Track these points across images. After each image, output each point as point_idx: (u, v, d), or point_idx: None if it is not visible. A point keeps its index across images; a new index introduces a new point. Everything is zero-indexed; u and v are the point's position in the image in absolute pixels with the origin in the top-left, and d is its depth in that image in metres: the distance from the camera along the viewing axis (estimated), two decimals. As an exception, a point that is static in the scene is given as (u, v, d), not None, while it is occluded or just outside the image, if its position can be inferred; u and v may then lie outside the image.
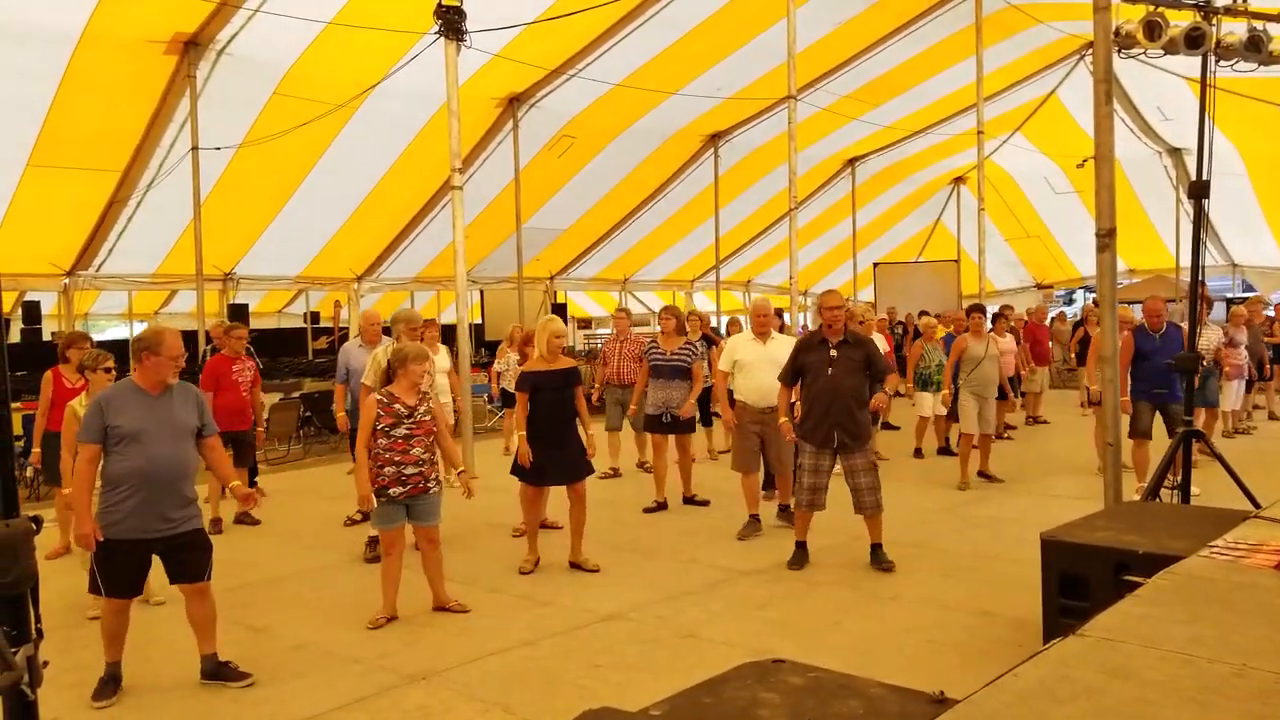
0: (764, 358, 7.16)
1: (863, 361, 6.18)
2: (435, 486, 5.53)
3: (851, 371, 6.14)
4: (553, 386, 6.33)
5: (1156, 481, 5.97)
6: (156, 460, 4.42)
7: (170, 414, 4.52)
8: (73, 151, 12.36)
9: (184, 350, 4.64)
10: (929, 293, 20.35)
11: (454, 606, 5.59)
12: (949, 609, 5.42)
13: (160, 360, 4.49)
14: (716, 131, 18.49)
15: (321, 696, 4.46)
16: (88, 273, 14.75)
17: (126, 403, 4.48)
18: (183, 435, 4.56)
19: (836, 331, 6.23)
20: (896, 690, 2.64)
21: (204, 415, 4.70)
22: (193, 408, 4.65)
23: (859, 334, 6.34)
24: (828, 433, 6.17)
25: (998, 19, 15.26)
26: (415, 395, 5.48)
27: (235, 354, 8.19)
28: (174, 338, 4.56)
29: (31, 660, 2.07)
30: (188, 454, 4.59)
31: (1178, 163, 19.91)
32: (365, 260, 17.90)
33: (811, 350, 6.30)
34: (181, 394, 4.64)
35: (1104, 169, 5.79)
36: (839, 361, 6.15)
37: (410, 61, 12.15)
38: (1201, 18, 5.75)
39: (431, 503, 5.52)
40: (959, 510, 8.01)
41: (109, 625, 4.60)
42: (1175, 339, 7.91)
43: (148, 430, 4.42)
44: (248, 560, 7.00)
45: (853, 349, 6.20)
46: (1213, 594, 2.98)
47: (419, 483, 5.42)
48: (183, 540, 4.55)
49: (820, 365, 6.19)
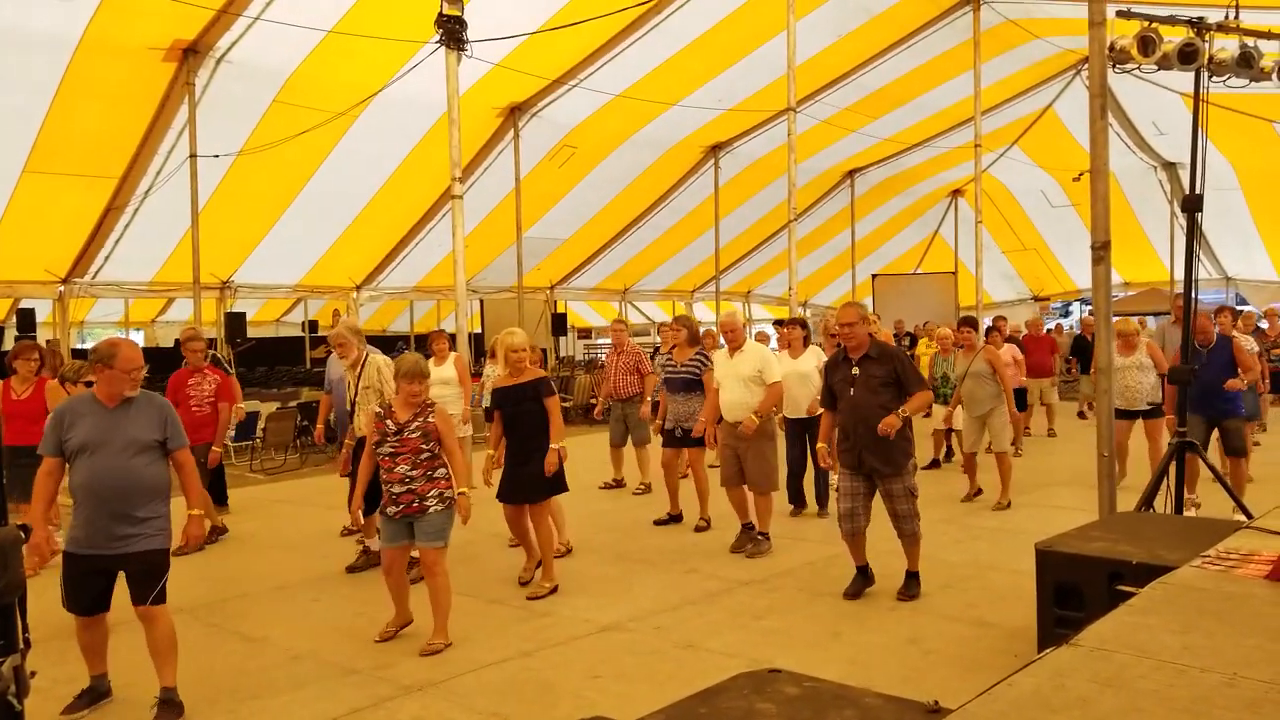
0: (730, 373, 7.09)
1: (888, 377, 5.68)
2: (437, 505, 5.18)
3: (875, 390, 5.66)
4: (512, 401, 6.15)
5: (1150, 492, 5.99)
6: (101, 475, 4.26)
7: (123, 428, 4.32)
8: (70, 158, 12.37)
9: (142, 364, 4.45)
10: (927, 304, 20.44)
11: (430, 648, 5.13)
12: (948, 619, 5.43)
13: (114, 374, 4.31)
14: (717, 143, 18.57)
15: (319, 708, 4.46)
16: (84, 280, 14.74)
17: (82, 415, 4.34)
18: (136, 450, 4.32)
19: (856, 348, 5.80)
20: (892, 700, 2.66)
21: (168, 428, 4.46)
22: (154, 421, 4.43)
23: (886, 347, 5.88)
24: (857, 456, 5.74)
25: (995, 33, 15.38)
26: (409, 411, 5.25)
27: (194, 366, 7.94)
28: (129, 350, 4.39)
29: (19, 670, 2.07)
30: (140, 469, 4.33)
31: (1172, 177, 20.02)
32: (364, 269, 17.93)
33: (836, 369, 5.94)
34: (143, 407, 4.43)
35: (1099, 182, 5.84)
36: (860, 380, 5.72)
37: (411, 70, 12.20)
38: (1194, 34, 5.81)
39: (429, 523, 5.17)
40: (959, 521, 8.02)
41: (80, 639, 4.50)
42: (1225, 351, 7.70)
43: (97, 443, 4.28)
44: (246, 571, 7.00)
45: (876, 364, 5.72)
46: (1205, 604, 3.01)
47: (410, 501, 5.15)
48: (132, 560, 4.33)
49: (844, 385, 5.81)
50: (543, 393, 6.15)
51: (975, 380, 8.55)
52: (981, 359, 8.56)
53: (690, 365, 7.93)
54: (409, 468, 5.18)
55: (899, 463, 5.68)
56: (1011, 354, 11.32)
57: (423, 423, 5.22)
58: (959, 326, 9.01)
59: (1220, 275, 21.59)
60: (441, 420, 5.28)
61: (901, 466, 5.70)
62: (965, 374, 8.63)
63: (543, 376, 6.31)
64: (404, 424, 5.21)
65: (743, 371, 7.01)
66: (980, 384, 8.53)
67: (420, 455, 5.19)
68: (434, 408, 5.32)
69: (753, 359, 7.08)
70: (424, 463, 5.20)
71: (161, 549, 4.41)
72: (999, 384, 8.55)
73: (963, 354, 8.84)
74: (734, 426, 7.06)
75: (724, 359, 7.26)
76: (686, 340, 8.07)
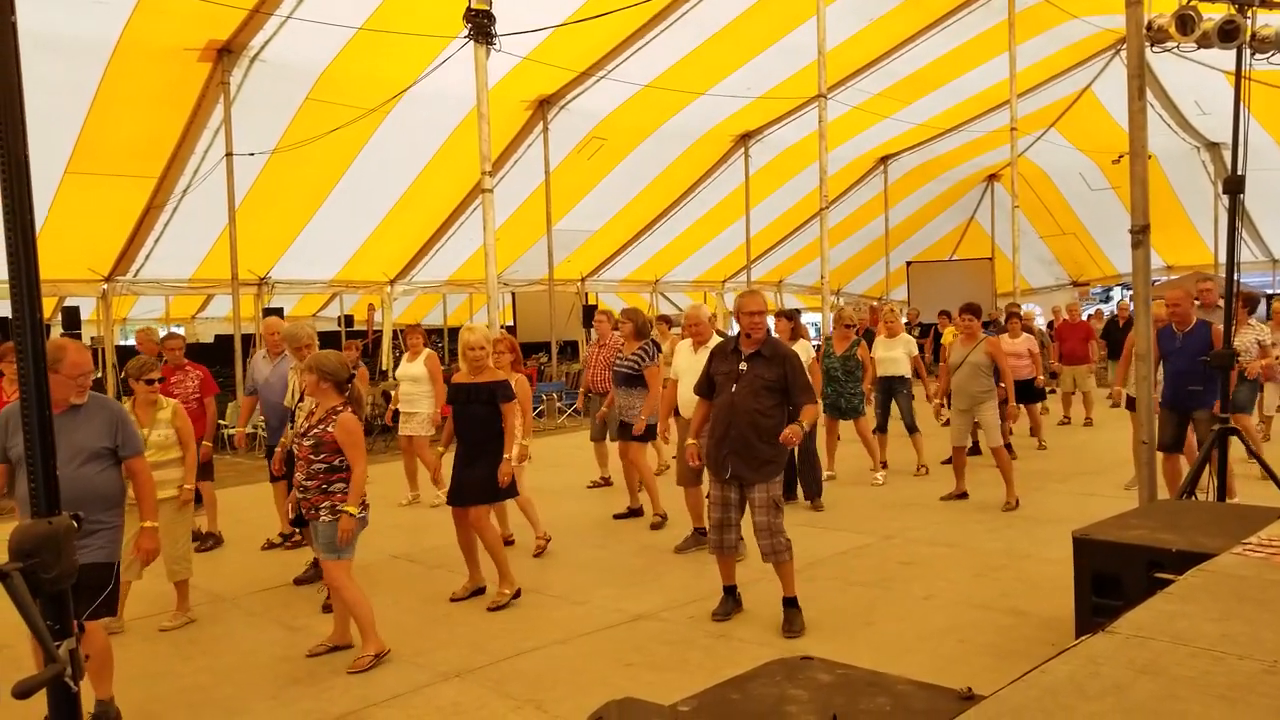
0: (693, 367, 6.31)
1: (776, 381, 5.16)
2: (327, 516, 4.83)
3: (757, 392, 5.14)
4: (463, 400, 5.88)
5: (1192, 480, 5.89)
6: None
7: (69, 435, 4.01)
8: (109, 159, 12.59)
9: (90, 368, 4.16)
10: (963, 292, 20.09)
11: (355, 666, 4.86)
12: (982, 608, 5.39)
13: (59, 379, 3.92)
14: (746, 131, 18.47)
15: (358, 694, 4.54)
16: (125, 278, 15.04)
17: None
18: (83, 458, 4.08)
19: (753, 341, 5.25)
20: (924, 686, 2.65)
21: (121, 435, 4.21)
22: (104, 428, 4.17)
23: (781, 348, 5.35)
24: (722, 460, 5.23)
25: (1030, 14, 15.10)
26: (320, 413, 4.93)
27: (176, 364, 7.94)
28: (77, 354, 4.06)
29: (74, 654, 2.13)
30: (88, 479, 4.08)
31: (1215, 157, 19.57)
32: (398, 263, 18.08)
33: (723, 359, 5.35)
34: (93, 413, 4.16)
35: (1137, 164, 5.73)
36: (745, 377, 5.17)
37: (440, 65, 12.27)
38: (1236, 10, 5.67)
39: (319, 531, 4.88)
40: (992, 510, 7.94)
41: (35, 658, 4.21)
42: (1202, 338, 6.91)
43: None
44: (286, 561, 7.11)
45: (766, 365, 5.18)
46: (1244, 591, 2.96)
47: (308, 509, 4.89)
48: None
49: (726, 379, 5.25)
50: (499, 396, 5.80)
51: (971, 371, 8.10)
52: (982, 349, 8.14)
53: (633, 358, 7.80)
54: (303, 476, 4.89)
55: (768, 470, 5.18)
56: (1028, 345, 10.79)
57: (319, 431, 4.85)
58: (961, 313, 8.46)
59: (1266, 257, 21.10)
60: (343, 431, 4.81)
61: (768, 475, 5.18)
62: (961, 363, 8.18)
63: (502, 380, 5.99)
64: (305, 430, 4.94)
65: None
66: (975, 376, 8.09)
67: (312, 465, 4.85)
68: (338, 416, 4.85)
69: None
70: (318, 475, 4.84)
71: (104, 563, 4.10)
72: (994, 378, 8.14)
73: (961, 342, 8.34)
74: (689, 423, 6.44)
75: (687, 353, 6.86)
76: (632, 333, 7.89)
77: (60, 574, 2.14)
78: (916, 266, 22.65)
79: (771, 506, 5.18)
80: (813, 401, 5.33)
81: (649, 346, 7.89)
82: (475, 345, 5.89)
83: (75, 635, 2.19)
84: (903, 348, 9.87)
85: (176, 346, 8.07)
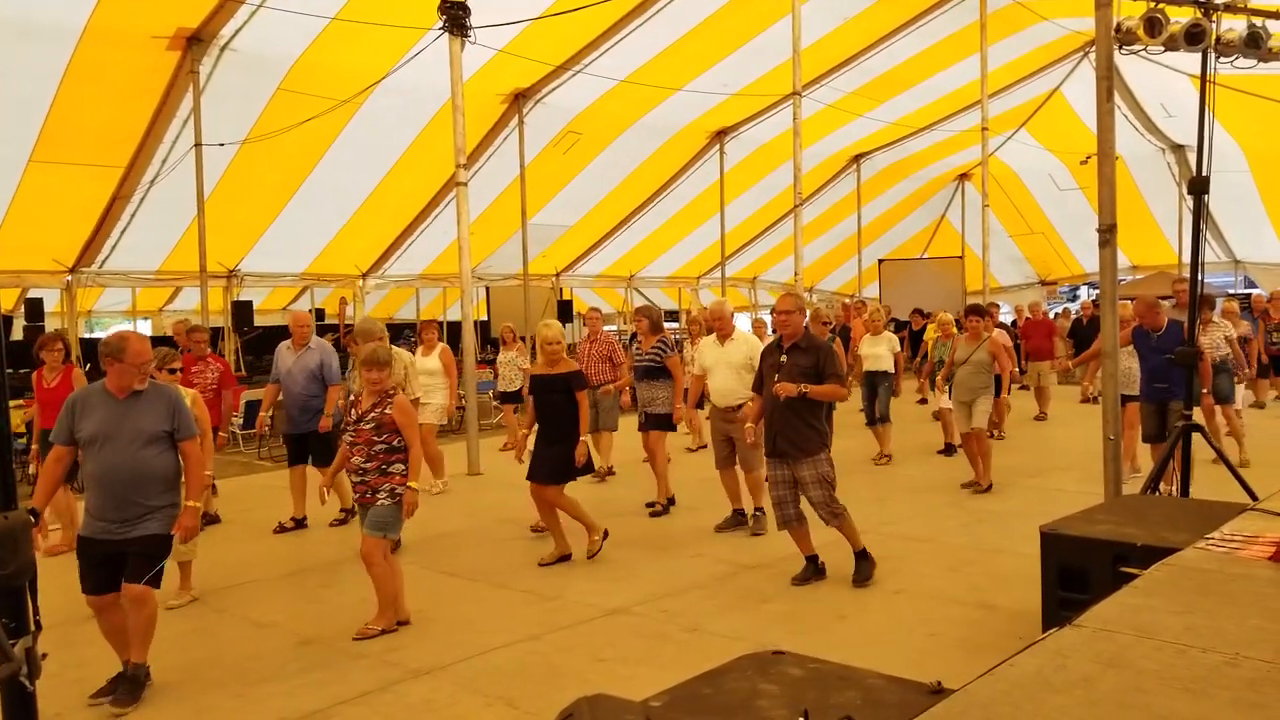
0: (721, 360, 7.29)
1: (811, 367, 5.83)
2: (386, 499, 5.13)
3: (794, 378, 5.79)
4: (544, 390, 6.51)
5: (1156, 475, 5.99)
6: (112, 465, 4.36)
7: (132, 419, 4.41)
8: (75, 147, 12.39)
9: (150, 356, 4.56)
10: (933, 289, 20.36)
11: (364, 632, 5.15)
12: (952, 603, 5.45)
13: (124, 367, 4.39)
14: (722, 128, 18.50)
15: (327, 692, 4.50)
16: (91, 269, 14.81)
17: (92, 407, 4.44)
18: (144, 441, 4.42)
19: (789, 336, 5.96)
20: (895, 681, 2.67)
21: (177, 418, 4.54)
22: (163, 412, 4.51)
23: (816, 340, 6.06)
24: (773, 441, 5.91)
25: (1002, 15, 15.26)
26: (371, 399, 5.21)
27: (198, 355, 8.23)
28: (139, 343, 4.47)
29: (30, 652, 2.10)
30: (148, 460, 4.43)
31: (1180, 159, 19.88)
32: (370, 257, 17.95)
33: (769, 355, 6.12)
34: (152, 399, 4.51)
35: (1105, 165, 5.81)
36: (785, 368, 5.87)
37: (415, 57, 12.19)
38: (1201, 14, 5.76)
39: (374, 514, 5.15)
40: (964, 504, 8.03)
41: (100, 626, 4.59)
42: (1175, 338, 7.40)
43: (106, 435, 4.37)
44: (254, 557, 7.05)
45: (803, 354, 5.88)
46: (1208, 585, 3.01)
47: (364, 492, 5.18)
48: (134, 545, 4.42)
49: (770, 371, 5.98)
50: (574, 385, 6.48)
51: (974, 368, 8.50)
52: (985, 349, 8.54)
53: (653, 352, 8.29)
54: (362, 459, 5.16)
55: (806, 448, 5.76)
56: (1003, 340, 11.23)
57: (378, 414, 5.14)
58: (966, 315, 8.88)
59: (1229, 258, 21.46)
60: (400, 412, 5.16)
61: (808, 451, 5.77)
62: (966, 360, 8.58)
63: (576, 370, 6.61)
64: (362, 414, 5.18)
65: (734, 359, 7.19)
66: (977, 373, 8.49)
67: (373, 448, 5.14)
68: (393, 399, 5.21)
69: (743, 347, 7.24)
70: (378, 455, 5.14)
71: (165, 534, 4.51)
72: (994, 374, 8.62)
73: (965, 340, 8.78)
74: (725, 411, 7.25)
75: (714, 346, 7.42)
76: (649, 328, 8.49)
77: (16, 570, 2.10)
78: (888, 264, 22.81)
79: (820, 482, 5.80)
80: (840, 384, 5.98)
81: (668, 339, 8.47)
82: (553, 340, 6.50)
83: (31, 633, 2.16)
84: (886, 345, 10.44)
85: (201, 339, 8.40)
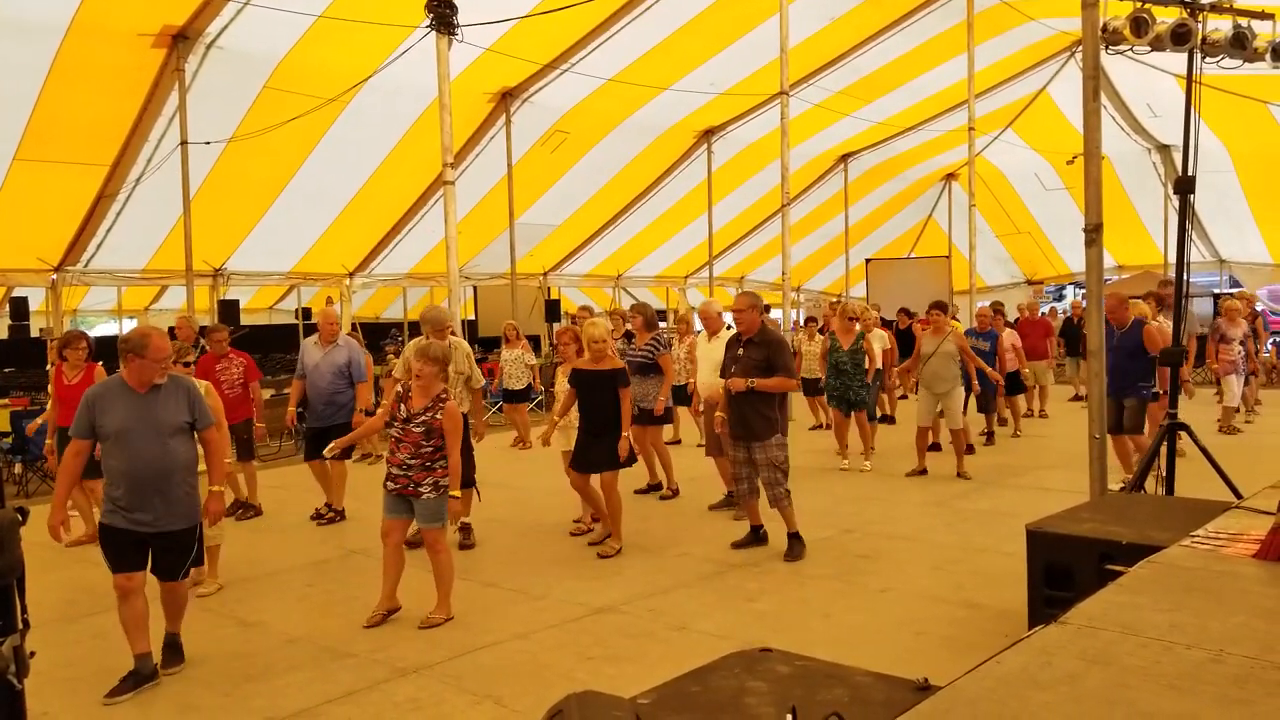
0: (706, 355, 7.86)
1: (763, 360, 6.35)
2: (431, 493, 5.30)
3: (747, 370, 6.35)
4: (588, 386, 6.76)
5: (1141, 473, 6.02)
6: (137, 459, 4.48)
7: (154, 412, 4.54)
8: (60, 145, 12.29)
9: (170, 351, 4.68)
10: (920, 288, 20.42)
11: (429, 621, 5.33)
12: (938, 601, 5.46)
13: (145, 363, 4.50)
14: (710, 127, 18.51)
15: (314, 690, 4.48)
16: (76, 268, 14.68)
17: (113, 402, 4.53)
18: (168, 433, 4.56)
19: (746, 331, 6.52)
20: (881, 678, 2.68)
21: (195, 409, 4.70)
22: (183, 404, 4.65)
23: (770, 335, 6.58)
24: (733, 426, 6.56)
25: (989, 15, 15.33)
26: (423, 400, 5.35)
27: (220, 353, 8.44)
28: (160, 339, 4.58)
29: (18, 650, 2.08)
30: (174, 451, 4.58)
31: (1166, 159, 20.01)
32: (357, 256, 17.87)
33: (730, 348, 6.67)
34: (171, 391, 4.63)
35: (1091, 165, 5.83)
36: (742, 360, 6.44)
37: (402, 55, 12.13)
38: (1187, 14, 5.80)
39: (425, 506, 5.32)
40: (950, 504, 8.06)
41: (121, 613, 4.66)
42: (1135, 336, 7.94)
43: (130, 429, 4.48)
44: (241, 556, 7.01)
45: (756, 348, 6.42)
46: (1192, 582, 3.03)
47: (405, 484, 5.32)
48: (163, 540, 4.60)
49: (730, 363, 6.56)
50: (618, 382, 6.69)
51: (942, 360, 9.01)
52: (951, 340, 9.05)
53: (646, 349, 8.57)
54: (408, 456, 5.32)
55: (757, 433, 6.38)
56: (1012, 340, 11.75)
57: (429, 418, 5.31)
58: (929, 310, 9.37)
59: (1214, 258, 21.61)
60: (448, 418, 5.32)
61: (759, 436, 6.38)
62: (933, 353, 9.03)
63: (620, 367, 6.81)
64: (413, 414, 5.33)
65: (716, 355, 7.42)
66: (945, 364, 9.00)
67: (420, 448, 5.31)
68: (445, 404, 5.35)
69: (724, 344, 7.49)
70: (424, 454, 5.31)
71: (191, 528, 4.71)
72: (961, 367, 9.07)
73: (930, 335, 9.22)
74: (706, 402, 7.83)
75: (703, 343, 8.02)
76: (643, 325, 8.78)
77: (4, 568, 2.09)
78: (875, 264, 22.88)
79: (769, 465, 6.39)
80: (788, 376, 6.45)
81: (661, 337, 8.76)
82: (598, 339, 6.65)
83: (20, 631, 2.14)
84: (878, 343, 10.72)
85: (222, 339, 8.55)
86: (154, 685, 4.58)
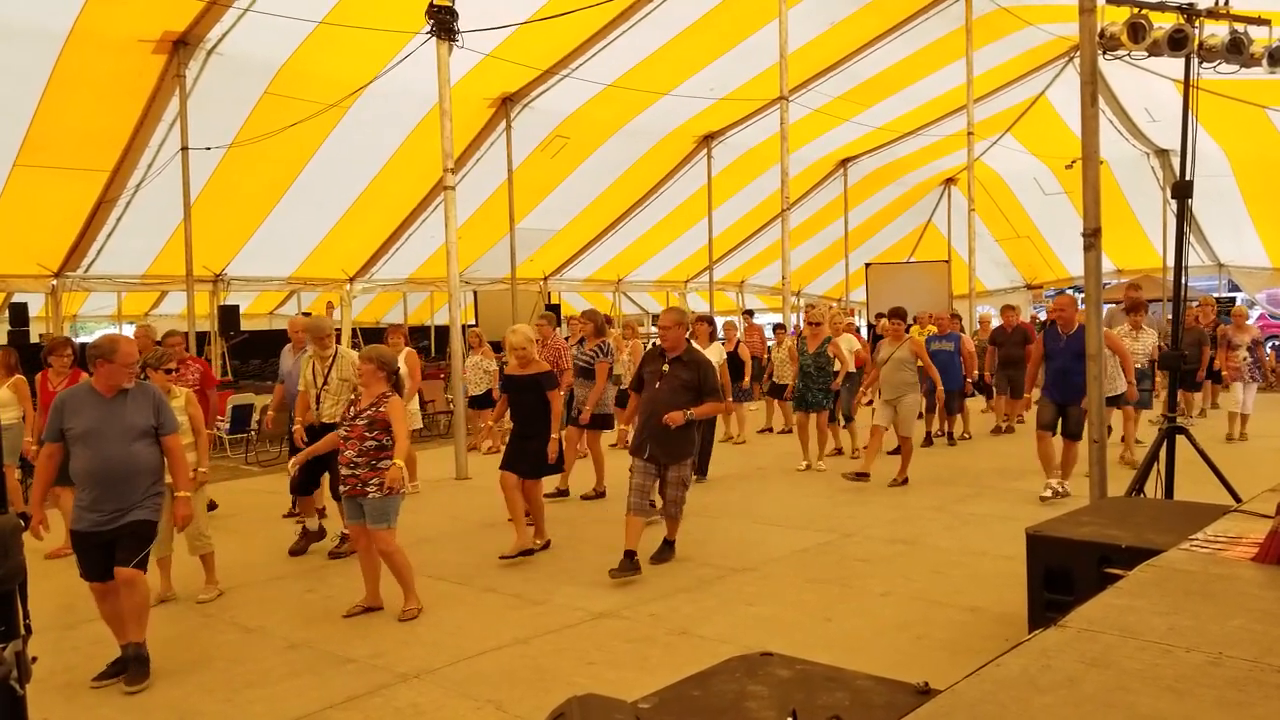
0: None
1: (691, 381, 6.18)
2: (376, 493, 5.39)
3: (675, 389, 6.15)
4: (516, 389, 6.83)
5: (1141, 477, 6.03)
6: (104, 460, 4.61)
7: (121, 416, 4.68)
8: (61, 151, 12.33)
9: (138, 357, 4.83)
10: (920, 293, 20.44)
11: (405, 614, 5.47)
12: (938, 605, 5.47)
13: (114, 368, 4.65)
14: (709, 132, 18.55)
15: (314, 696, 4.48)
16: (76, 274, 14.71)
17: (81, 405, 4.68)
18: (134, 436, 4.70)
19: (670, 348, 6.30)
20: (882, 681, 2.68)
21: (160, 415, 4.84)
22: (148, 409, 4.79)
23: (698, 355, 6.40)
24: (642, 443, 6.25)
25: (988, 21, 15.38)
26: (369, 398, 5.51)
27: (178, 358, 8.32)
28: (128, 345, 4.75)
29: (20, 656, 2.09)
30: (138, 454, 4.71)
31: (1164, 163, 20.05)
32: (358, 261, 17.89)
33: (650, 362, 6.46)
34: (138, 396, 4.79)
35: (1090, 169, 5.85)
36: (667, 377, 6.23)
37: (402, 61, 12.17)
38: (1184, 20, 5.82)
39: (372, 506, 5.42)
40: (949, 508, 8.06)
41: (100, 610, 4.84)
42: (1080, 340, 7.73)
43: (98, 432, 4.62)
44: (241, 562, 7.01)
45: (684, 368, 6.23)
46: (1191, 586, 3.03)
47: (354, 484, 5.44)
48: (125, 529, 4.69)
49: (652, 377, 6.32)
50: (545, 385, 6.72)
51: (895, 366, 9.06)
52: (906, 347, 9.15)
53: (589, 354, 8.72)
54: (354, 453, 5.45)
55: (676, 455, 6.22)
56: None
57: (372, 412, 5.45)
58: (889, 317, 9.42)
59: (1212, 261, 21.64)
60: (393, 409, 5.47)
61: (678, 457, 6.23)
62: (889, 359, 9.10)
63: (547, 371, 6.88)
64: (359, 410, 5.49)
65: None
66: (898, 369, 9.05)
67: (365, 444, 5.43)
68: (389, 399, 5.50)
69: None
70: (369, 451, 5.43)
71: (151, 520, 4.79)
72: (917, 373, 9.11)
73: (887, 342, 9.33)
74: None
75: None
76: (593, 331, 8.83)
77: (6, 573, 2.09)
78: (875, 268, 22.89)
79: (680, 484, 6.31)
80: (717, 400, 6.42)
81: (604, 344, 8.79)
82: (518, 346, 6.77)
83: (22, 637, 2.15)
84: (846, 345, 10.81)
85: (176, 343, 8.56)
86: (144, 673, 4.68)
